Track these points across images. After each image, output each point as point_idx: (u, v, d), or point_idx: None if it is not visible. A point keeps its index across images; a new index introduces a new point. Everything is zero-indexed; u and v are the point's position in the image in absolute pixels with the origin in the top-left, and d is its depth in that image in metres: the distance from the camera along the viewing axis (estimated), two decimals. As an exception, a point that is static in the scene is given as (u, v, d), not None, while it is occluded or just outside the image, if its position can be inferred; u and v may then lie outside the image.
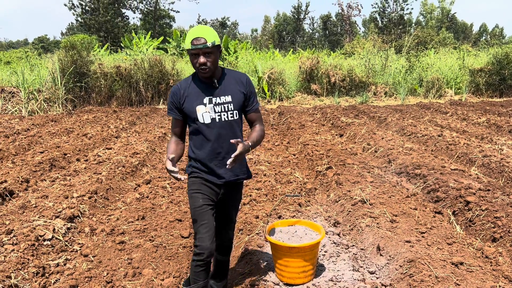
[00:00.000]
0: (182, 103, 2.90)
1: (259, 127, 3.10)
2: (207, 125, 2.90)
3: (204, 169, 2.98)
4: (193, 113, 2.89)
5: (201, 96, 2.89)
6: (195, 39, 2.71)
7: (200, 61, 2.74)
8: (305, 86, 18.58)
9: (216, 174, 2.97)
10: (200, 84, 2.92)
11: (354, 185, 5.57)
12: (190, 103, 2.89)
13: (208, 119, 2.90)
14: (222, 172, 2.97)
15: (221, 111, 2.91)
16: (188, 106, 2.90)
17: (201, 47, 2.71)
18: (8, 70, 18.54)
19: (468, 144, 7.81)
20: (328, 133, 9.59)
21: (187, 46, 2.76)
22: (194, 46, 2.72)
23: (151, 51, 20.68)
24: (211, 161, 2.95)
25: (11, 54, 28.47)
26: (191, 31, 2.76)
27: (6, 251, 3.84)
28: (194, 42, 2.72)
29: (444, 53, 22.83)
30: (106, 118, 12.42)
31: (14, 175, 6.21)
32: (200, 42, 2.71)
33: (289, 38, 69.99)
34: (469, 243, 3.90)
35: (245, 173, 3.12)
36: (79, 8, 47.90)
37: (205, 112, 2.89)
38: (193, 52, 2.74)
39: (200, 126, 2.91)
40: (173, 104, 2.95)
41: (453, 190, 5.17)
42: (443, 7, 66.46)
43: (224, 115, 2.91)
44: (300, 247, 3.20)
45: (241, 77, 3.01)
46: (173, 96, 2.93)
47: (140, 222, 4.78)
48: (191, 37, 2.73)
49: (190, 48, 2.74)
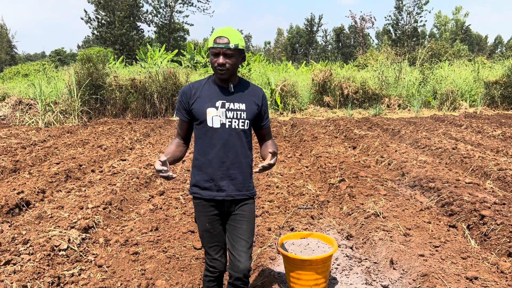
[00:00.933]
0: (192, 103, 2.75)
1: (272, 141, 3.02)
2: (215, 129, 2.74)
3: (204, 184, 2.79)
4: (202, 115, 2.73)
5: (214, 98, 2.75)
6: (219, 37, 2.63)
7: (219, 61, 2.63)
8: (317, 98, 18.60)
9: (217, 186, 2.77)
10: (215, 87, 2.79)
11: (367, 198, 5.55)
12: (200, 104, 2.74)
13: (218, 123, 2.73)
14: (224, 184, 2.78)
15: (233, 118, 2.75)
16: (198, 107, 2.74)
17: (222, 47, 2.61)
18: (26, 83, 18.91)
19: (483, 157, 7.73)
20: (341, 145, 9.57)
21: (210, 44, 2.66)
22: (216, 45, 2.62)
23: (165, 63, 20.91)
24: (214, 170, 2.76)
25: (28, 66, 28.99)
26: (217, 30, 2.69)
27: (23, 261, 3.90)
28: (217, 40, 2.63)
29: (458, 65, 22.70)
30: (121, 130, 12.57)
31: (30, 185, 6.31)
32: (222, 41, 2.61)
33: (302, 51, 70.22)
34: (484, 257, 3.86)
35: (250, 190, 2.88)
36: (95, 21, 48.70)
37: (215, 115, 2.73)
38: (214, 51, 2.64)
39: (208, 130, 2.74)
40: (182, 104, 2.80)
41: (467, 203, 5.13)
42: (457, 19, 66.18)
43: (235, 123, 2.75)
44: (313, 260, 3.20)
45: (257, 90, 2.91)
46: (183, 95, 2.79)
47: (153, 233, 4.82)
48: (215, 35, 2.64)
49: (212, 46, 2.64)
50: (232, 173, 2.78)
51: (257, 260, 4.06)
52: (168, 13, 53.35)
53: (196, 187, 2.82)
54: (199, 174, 2.80)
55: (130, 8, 48.47)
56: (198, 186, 2.81)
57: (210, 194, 2.79)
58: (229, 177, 2.76)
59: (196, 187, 2.82)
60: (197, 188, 2.81)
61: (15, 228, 4.82)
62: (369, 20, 52.50)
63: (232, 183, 2.79)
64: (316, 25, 68.67)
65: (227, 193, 2.79)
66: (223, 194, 2.79)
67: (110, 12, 47.75)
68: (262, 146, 3.05)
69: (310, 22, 68.47)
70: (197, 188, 2.81)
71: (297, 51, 70.17)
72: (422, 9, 53.50)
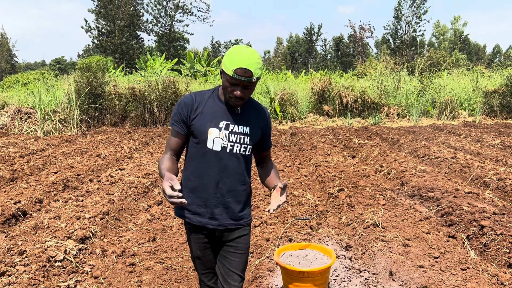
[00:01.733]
0: (193, 118, 2.44)
1: (273, 165, 2.80)
2: (215, 152, 2.45)
3: (196, 209, 2.51)
4: (202, 134, 2.43)
5: (217, 118, 2.44)
6: (242, 69, 2.27)
7: (238, 94, 2.34)
8: (317, 107, 18.62)
9: (210, 213, 2.51)
10: (220, 104, 2.48)
11: (366, 208, 5.52)
12: (203, 122, 2.43)
13: (219, 146, 2.45)
14: (218, 212, 2.51)
15: (235, 142, 2.47)
16: (199, 125, 2.44)
17: (244, 80, 2.29)
18: (26, 91, 18.93)
19: (482, 167, 7.71)
20: (340, 154, 9.55)
21: (229, 71, 2.29)
22: (237, 76, 2.27)
23: (165, 72, 20.96)
24: (209, 195, 2.49)
25: (28, 75, 29.06)
26: (239, 55, 2.29)
27: (18, 272, 3.86)
28: (239, 72, 2.27)
29: (457, 75, 22.76)
30: (120, 139, 12.55)
31: (28, 195, 6.28)
32: (246, 75, 2.28)
33: (302, 60, 70.48)
34: (483, 268, 3.83)
35: (245, 218, 2.62)
36: (96, 30, 48.95)
37: (217, 137, 2.44)
38: (233, 81, 2.31)
39: (207, 152, 2.45)
40: (181, 116, 2.45)
41: (467, 213, 5.10)
42: (456, 29, 66.52)
43: (237, 147, 2.48)
44: (311, 272, 3.16)
45: (262, 110, 2.63)
46: (184, 107, 2.45)
47: (150, 244, 4.78)
48: (237, 64, 2.26)
49: (231, 76, 2.29)
50: (228, 201, 2.52)
51: (255, 271, 4.02)
52: (168, 22, 53.62)
53: (186, 210, 2.53)
54: (191, 197, 2.50)
55: (130, 17, 48.73)
56: (188, 210, 2.53)
57: (200, 221, 2.52)
58: (223, 205, 2.51)
59: (187, 211, 2.53)
60: (188, 212, 2.53)
61: (11, 238, 4.78)
62: (368, 30, 52.72)
63: (226, 212, 2.53)
64: (316, 34, 69.00)
65: (220, 222, 2.53)
66: (215, 223, 2.52)
67: (111, 21, 48.00)
68: (261, 169, 2.81)
69: (309, 31, 68.80)
70: (188, 212, 2.53)
71: (296, 60, 70.43)
72: (420, 18, 53.80)
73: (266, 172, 2.75)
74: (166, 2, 52.55)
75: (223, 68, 2.33)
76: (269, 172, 2.73)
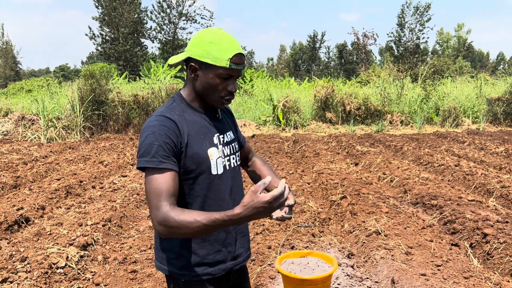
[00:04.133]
0: (186, 144, 1.78)
1: (261, 161, 2.32)
2: (220, 176, 1.89)
3: (216, 258, 1.92)
4: (205, 161, 1.83)
5: (208, 133, 1.89)
6: (239, 56, 1.78)
7: (234, 88, 1.84)
8: (320, 114, 18.63)
9: (233, 253, 1.99)
10: (199, 116, 1.89)
11: (369, 215, 5.50)
12: (197, 145, 1.82)
13: (221, 167, 1.90)
14: (239, 246, 2.02)
15: (230, 154, 1.98)
16: (196, 151, 1.81)
17: (241, 68, 1.82)
18: (29, 98, 19.03)
19: (485, 175, 7.68)
20: (343, 161, 9.54)
21: (223, 62, 1.75)
22: (235, 66, 1.78)
23: (168, 79, 21.04)
24: (227, 233, 1.95)
25: (32, 82, 29.25)
26: (225, 39, 1.77)
27: (20, 279, 3.86)
28: (236, 60, 1.77)
29: (461, 82, 22.76)
30: (123, 146, 12.58)
31: (30, 202, 6.29)
32: (242, 61, 1.80)
33: (305, 67, 70.64)
34: (486, 277, 3.80)
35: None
36: (100, 37, 49.27)
37: (218, 157, 1.90)
38: (230, 73, 1.79)
39: (213, 180, 1.87)
40: (170, 147, 1.72)
41: (470, 221, 5.07)
42: (459, 36, 66.59)
43: (233, 159, 1.99)
44: (312, 280, 3.14)
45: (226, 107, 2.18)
46: (169, 134, 1.73)
47: (152, 251, 4.77)
48: (232, 50, 1.76)
49: (227, 67, 1.76)
50: (243, 226, 2.05)
51: (256, 279, 4.00)
52: (171, 30, 53.90)
53: (202, 265, 1.89)
54: (204, 246, 1.89)
55: (134, 24, 49.03)
56: (206, 264, 1.90)
57: (225, 268, 1.96)
58: (241, 234, 2.04)
59: (203, 266, 1.89)
60: (205, 267, 1.90)
61: (14, 245, 4.79)
62: (372, 37, 52.86)
63: (245, 240, 2.08)
64: (319, 42, 69.21)
65: (243, 257, 2.06)
66: (240, 260, 2.03)
67: (114, 29, 48.32)
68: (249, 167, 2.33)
69: (312, 38, 69.02)
70: (205, 266, 1.90)
71: (299, 67, 70.59)
72: (424, 26, 53.87)
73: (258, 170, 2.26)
74: (170, 10, 52.85)
75: (210, 61, 1.75)
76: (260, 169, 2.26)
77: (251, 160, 2.31)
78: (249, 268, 4.26)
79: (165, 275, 1.96)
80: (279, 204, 1.50)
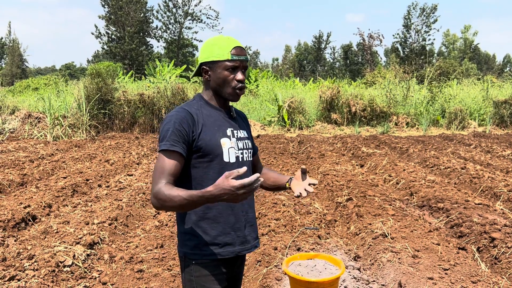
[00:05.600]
0: (199, 133, 2.04)
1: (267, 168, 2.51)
2: (232, 165, 2.11)
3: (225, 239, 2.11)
4: (216, 148, 2.06)
5: (222, 126, 2.13)
6: (238, 48, 2.06)
7: (241, 77, 2.07)
8: (325, 115, 18.60)
9: (242, 238, 2.17)
10: (215, 111, 2.16)
11: (375, 218, 5.49)
12: (211, 134, 2.06)
13: (233, 157, 2.12)
14: (247, 233, 2.20)
15: (243, 148, 2.19)
16: (209, 138, 2.05)
17: (243, 59, 2.07)
18: (36, 96, 19.11)
19: (492, 178, 7.64)
20: (349, 163, 9.52)
21: (225, 56, 2.04)
22: (237, 57, 2.04)
23: (174, 79, 21.08)
24: (237, 217, 2.14)
25: (39, 80, 29.37)
26: (223, 39, 2.09)
27: (27, 277, 3.88)
28: (236, 51, 2.05)
29: (467, 84, 22.66)
30: (129, 145, 12.61)
31: (37, 200, 6.32)
32: (243, 53, 2.07)
33: (310, 67, 70.58)
34: (494, 281, 3.78)
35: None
36: (106, 36, 49.45)
37: (231, 147, 2.12)
38: (234, 64, 2.04)
39: (225, 167, 2.07)
40: (181, 134, 1.99)
41: (477, 225, 5.05)
42: (465, 38, 66.34)
43: (246, 154, 2.20)
44: (319, 282, 3.14)
45: (242, 113, 2.43)
46: (183, 122, 2.00)
47: (158, 251, 4.78)
48: (229, 45, 2.05)
49: (230, 59, 2.04)
50: (251, 216, 2.24)
51: (262, 280, 4.00)
52: (177, 29, 53.99)
53: (213, 245, 2.09)
54: (215, 228, 2.09)
55: (140, 23, 49.16)
56: (215, 244, 2.09)
57: (233, 251, 2.14)
58: (249, 223, 2.22)
59: (214, 246, 2.09)
60: (215, 247, 2.09)
61: (21, 243, 4.81)
62: (377, 38, 52.71)
63: (253, 229, 2.26)
64: (324, 42, 69.12)
65: (251, 244, 2.23)
66: (248, 246, 2.21)
67: (120, 28, 48.46)
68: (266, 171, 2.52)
69: (318, 39, 68.95)
70: (215, 246, 2.09)
71: (304, 67, 70.53)
72: (430, 27, 53.76)
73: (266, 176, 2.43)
74: (176, 9, 52.96)
75: (215, 59, 2.05)
76: (268, 173, 2.44)
77: (259, 169, 2.49)
78: (255, 269, 4.26)
79: (179, 259, 2.17)
80: (245, 192, 1.68)
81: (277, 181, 2.36)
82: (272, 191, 2.44)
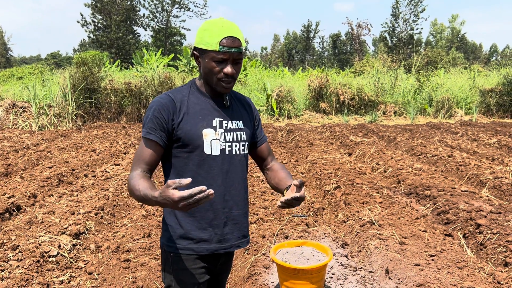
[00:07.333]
0: (178, 122, 1.94)
1: (280, 165, 2.29)
2: (214, 158, 1.99)
3: (200, 235, 2.02)
4: (196, 139, 1.95)
5: (208, 115, 2.00)
6: (229, 38, 1.86)
7: (229, 70, 1.90)
8: (314, 104, 18.61)
9: (219, 235, 2.05)
10: (204, 99, 2.02)
11: (362, 205, 5.50)
12: (192, 123, 1.95)
13: (217, 149, 2.00)
14: (228, 231, 2.08)
15: (233, 141, 2.05)
16: (189, 128, 1.94)
17: (234, 51, 1.88)
18: (21, 85, 18.80)
19: (478, 165, 7.71)
20: (337, 151, 9.53)
21: (212, 46, 1.86)
22: (225, 49, 1.86)
23: (161, 68, 20.88)
24: (216, 213, 2.03)
25: (23, 69, 28.88)
26: (219, 25, 1.88)
27: (11, 267, 3.82)
28: (226, 42, 1.86)
29: (454, 73, 22.80)
30: (115, 134, 12.48)
31: (22, 190, 6.22)
32: (234, 44, 1.87)
33: (299, 57, 70.47)
34: (480, 267, 3.81)
35: (248, 233, 2.24)
36: (92, 25, 48.72)
37: (214, 139, 1.99)
38: (222, 56, 1.87)
39: (205, 159, 1.98)
40: (159, 122, 1.91)
41: (463, 212, 5.09)
42: (453, 27, 66.66)
43: (236, 147, 2.06)
44: (307, 269, 3.14)
45: (246, 99, 2.26)
46: (162, 110, 1.91)
47: (145, 240, 4.74)
48: (221, 33, 1.85)
49: (218, 50, 1.86)
50: (236, 214, 2.10)
51: (250, 268, 3.99)
52: (164, 18, 53.42)
53: (186, 239, 2.01)
54: (190, 222, 2.01)
55: (126, 12, 48.52)
56: (190, 238, 2.01)
57: (208, 248, 2.04)
58: (232, 221, 2.09)
59: (187, 240, 2.01)
60: (189, 241, 2.01)
61: (5, 233, 4.73)
62: (366, 27, 52.71)
63: (237, 228, 2.12)
64: (313, 32, 68.97)
65: (231, 243, 2.10)
66: (226, 246, 2.09)
67: (107, 16, 47.80)
68: (267, 170, 2.33)
69: (307, 28, 68.75)
70: (189, 241, 2.01)
71: (293, 57, 70.40)
72: (418, 16, 53.86)
73: (274, 172, 2.25)
74: (163, -3, 52.35)
75: (203, 47, 1.88)
76: (277, 171, 2.24)
77: (270, 164, 2.32)
78: (243, 257, 4.25)
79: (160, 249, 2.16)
80: (186, 204, 1.54)
81: (279, 185, 2.18)
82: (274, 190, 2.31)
